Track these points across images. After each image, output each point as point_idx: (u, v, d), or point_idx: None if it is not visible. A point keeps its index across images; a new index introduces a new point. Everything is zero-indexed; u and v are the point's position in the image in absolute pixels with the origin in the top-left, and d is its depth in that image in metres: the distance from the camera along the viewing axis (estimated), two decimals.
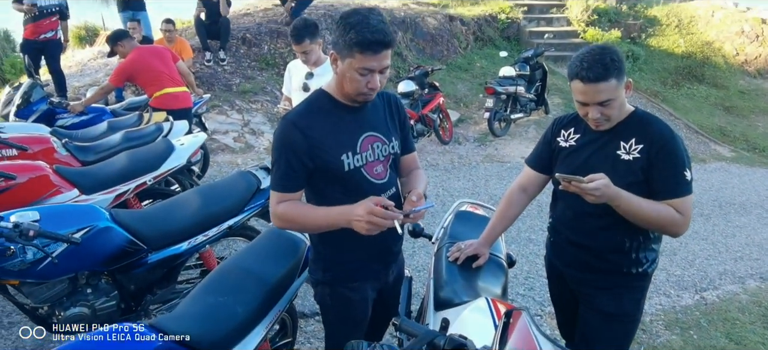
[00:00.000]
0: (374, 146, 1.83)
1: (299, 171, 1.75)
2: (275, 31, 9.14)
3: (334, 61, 1.71)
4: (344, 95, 1.77)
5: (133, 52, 4.76)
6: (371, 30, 1.60)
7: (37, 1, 6.67)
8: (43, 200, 3.06)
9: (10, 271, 2.27)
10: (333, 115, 1.78)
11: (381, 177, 1.85)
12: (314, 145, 1.73)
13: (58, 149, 3.69)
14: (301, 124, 1.74)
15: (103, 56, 9.49)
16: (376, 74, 1.67)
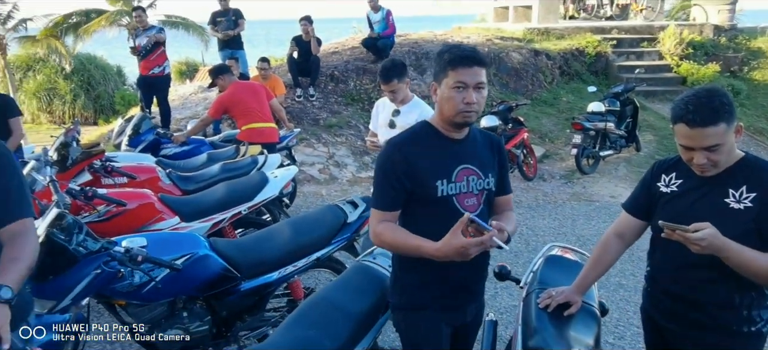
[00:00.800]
0: (469, 178, 1.89)
1: (398, 191, 1.86)
2: (361, 69, 9.42)
3: (434, 91, 1.86)
4: (445, 122, 1.87)
5: (230, 87, 5.09)
6: (461, 49, 1.79)
7: (140, 40, 7.38)
8: (148, 226, 3.30)
9: (120, 292, 2.45)
10: (434, 144, 1.89)
11: (472, 209, 1.89)
12: (412, 168, 1.84)
13: (163, 178, 3.97)
14: (404, 147, 1.88)
15: (202, 91, 10.22)
16: (470, 89, 1.75)
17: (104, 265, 2.30)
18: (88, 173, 3.76)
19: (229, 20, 8.12)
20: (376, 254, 2.45)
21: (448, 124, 1.87)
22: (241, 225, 3.98)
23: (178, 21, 18.91)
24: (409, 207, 1.91)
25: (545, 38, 12.04)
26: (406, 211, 1.92)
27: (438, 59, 1.83)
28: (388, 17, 9.14)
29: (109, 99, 26.16)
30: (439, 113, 1.87)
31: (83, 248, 2.30)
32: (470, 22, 16.23)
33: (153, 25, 7.79)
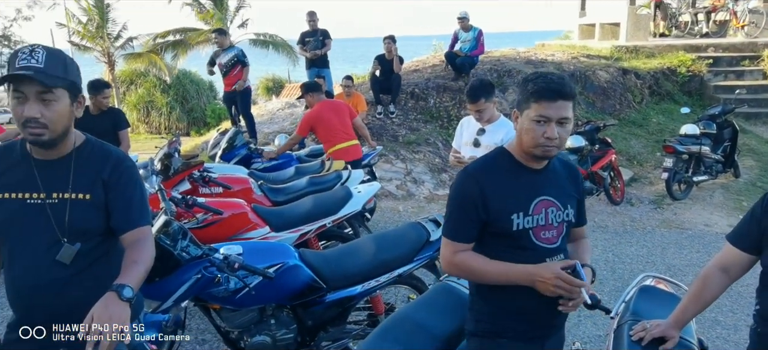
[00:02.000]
0: (548, 211, 1.81)
1: (474, 222, 1.79)
2: (442, 86, 9.46)
3: (515, 118, 1.78)
4: (524, 152, 1.79)
5: (317, 106, 5.28)
6: (547, 80, 1.68)
7: (222, 59, 7.88)
8: (241, 234, 3.48)
9: (216, 297, 2.61)
10: (511, 174, 1.81)
11: (550, 242, 1.82)
12: (488, 200, 1.76)
13: (255, 190, 4.19)
14: (479, 177, 1.80)
15: (289, 107, 10.66)
16: (553, 124, 1.67)
17: (204, 270, 2.47)
18: (188, 182, 4.04)
19: (316, 40, 8.45)
20: None
21: (526, 155, 1.79)
22: (325, 237, 4.11)
23: (267, 40, 19.86)
24: (483, 238, 1.84)
25: (634, 56, 11.54)
26: (480, 242, 1.85)
27: (522, 87, 1.74)
28: (479, 37, 9.08)
29: (201, 112, 27.89)
30: (518, 142, 1.79)
31: (186, 253, 2.47)
32: (553, 39, 15.85)
33: (233, 46, 8.28)
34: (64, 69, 1.58)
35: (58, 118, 1.58)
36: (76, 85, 1.64)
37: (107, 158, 1.72)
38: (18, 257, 1.67)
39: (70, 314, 1.67)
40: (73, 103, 1.63)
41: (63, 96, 1.58)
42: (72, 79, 1.62)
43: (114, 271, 1.66)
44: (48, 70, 1.53)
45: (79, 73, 1.68)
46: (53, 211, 1.63)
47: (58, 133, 1.59)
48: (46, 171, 1.66)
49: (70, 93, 1.62)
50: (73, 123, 1.67)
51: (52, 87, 1.54)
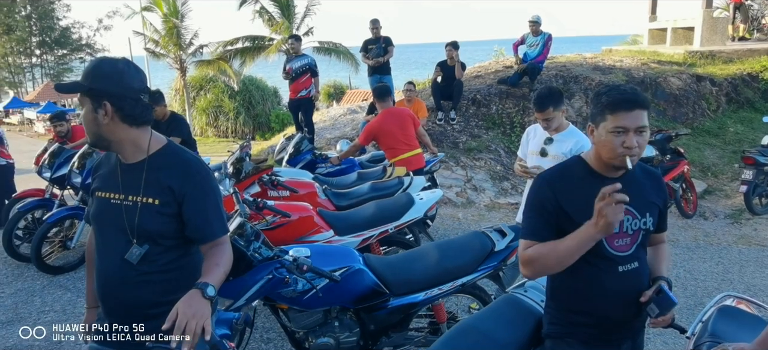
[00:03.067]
0: (623, 219, 1.79)
1: (549, 225, 1.83)
2: (504, 93, 9.33)
3: (591, 132, 1.81)
4: (602, 164, 1.81)
5: (380, 115, 5.31)
6: (621, 91, 1.72)
7: (292, 65, 8.09)
8: (306, 237, 3.58)
9: (284, 297, 2.69)
10: (586, 182, 1.82)
11: (623, 250, 1.83)
12: (560, 206, 1.80)
13: (320, 194, 4.29)
14: (554, 183, 1.84)
15: (351, 113, 10.84)
16: (631, 133, 1.69)
17: (275, 271, 2.56)
18: (258, 185, 4.19)
19: (379, 47, 8.56)
20: (527, 287, 2.41)
21: (606, 166, 1.81)
22: (386, 243, 4.15)
23: (330, 47, 20.27)
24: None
25: (709, 62, 10.95)
26: None
27: (596, 100, 1.78)
28: (547, 43, 8.91)
29: (266, 117, 28.81)
30: (596, 155, 1.82)
31: (259, 255, 2.57)
32: (620, 44, 15.28)
33: (306, 54, 8.50)
34: (88, 77, 1.65)
35: (86, 123, 1.69)
36: (95, 92, 1.65)
37: (179, 166, 1.76)
38: (101, 250, 1.81)
39: (134, 312, 1.78)
40: (96, 110, 1.65)
41: (86, 103, 1.67)
42: (91, 86, 1.64)
43: (183, 281, 1.73)
44: (80, 79, 1.66)
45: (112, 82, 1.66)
46: (127, 213, 1.73)
47: (91, 136, 1.71)
48: (126, 174, 1.76)
49: (92, 100, 1.65)
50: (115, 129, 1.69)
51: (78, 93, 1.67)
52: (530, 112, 9.15)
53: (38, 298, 4.61)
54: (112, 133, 1.70)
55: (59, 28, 48.90)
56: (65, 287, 4.81)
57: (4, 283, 5.00)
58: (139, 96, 1.72)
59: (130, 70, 1.71)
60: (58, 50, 49.79)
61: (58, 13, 49.09)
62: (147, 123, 1.77)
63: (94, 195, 1.83)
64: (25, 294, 4.69)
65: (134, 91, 1.70)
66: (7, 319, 4.21)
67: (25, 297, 4.63)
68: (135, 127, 1.73)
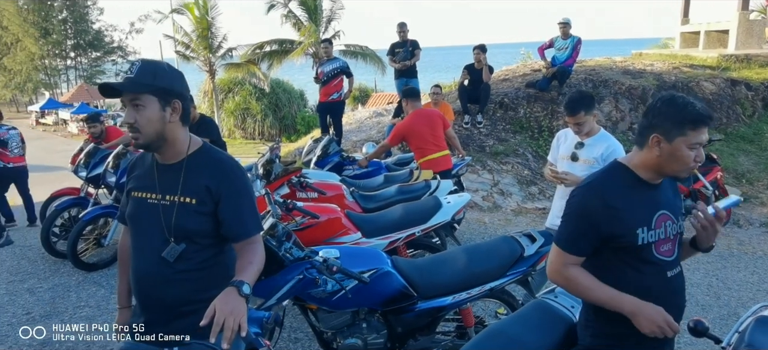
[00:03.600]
0: (666, 224, 1.84)
1: (591, 238, 1.82)
2: (532, 96, 9.25)
3: (656, 143, 1.77)
4: (653, 172, 1.82)
5: (410, 116, 5.30)
6: (697, 108, 1.73)
7: (324, 68, 8.16)
8: (334, 238, 3.61)
9: (314, 297, 2.72)
10: (631, 189, 1.84)
11: (668, 255, 1.85)
12: (613, 215, 1.79)
13: (347, 196, 4.32)
14: (602, 192, 1.82)
15: (377, 115, 10.87)
16: (700, 148, 1.74)
17: (306, 272, 2.59)
18: (287, 187, 4.25)
19: (406, 51, 8.58)
20: (557, 293, 2.39)
21: (655, 174, 1.82)
22: (412, 246, 4.16)
23: (357, 50, 20.39)
24: (601, 253, 1.85)
25: (745, 66, 10.66)
26: (597, 257, 1.87)
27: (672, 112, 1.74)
28: (576, 46, 8.79)
29: (292, 119, 29.11)
30: (653, 164, 1.80)
31: (290, 255, 2.61)
32: (651, 47, 14.99)
33: (337, 57, 8.58)
34: (152, 77, 1.70)
35: (148, 123, 1.70)
36: (165, 91, 1.71)
37: (216, 167, 1.81)
38: (137, 248, 1.86)
39: (169, 309, 1.82)
40: (164, 108, 1.72)
41: (151, 102, 1.70)
42: (160, 85, 1.70)
43: (217, 279, 1.79)
44: (137, 79, 1.69)
45: (177, 81, 1.76)
46: (164, 212, 1.78)
47: (150, 136, 1.73)
48: (163, 174, 1.81)
49: (160, 99, 1.71)
50: (175, 128, 1.76)
51: (139, 93, 1.69)
52: (559, 115, 9.05)
53: (74, 293, 4.74)
54: (172, 131, 1.76)
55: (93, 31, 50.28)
56: (99, 284, 4.94)
57: (42, 278, 5.16)
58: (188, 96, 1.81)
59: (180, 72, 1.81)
60: (91, 53, 51.21)
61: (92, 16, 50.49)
62: (188, 124, 1.84)
63: (130, 195, 1.88)
64: (62, 290, 4.84)
65: (188, 91, 1.81)
66: (46, 313, 4.35)
67: (62, 293, 4.77)
68: (185, 126, 1.81)
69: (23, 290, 4.87)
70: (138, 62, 1.75)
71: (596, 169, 2.96)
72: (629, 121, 9.26)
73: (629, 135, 8.96)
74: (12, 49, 47.41)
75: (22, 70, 47.12)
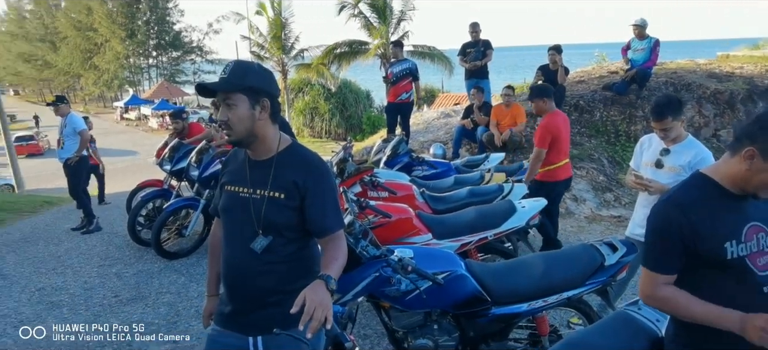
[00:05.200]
0: (759, 236, 1.72)
1: (678, 255, 1.73)
2: (609, 99, 8.88)
3: (750, 157, 1.66)
4: (739, 185, 1.71)
5: (555, 116, 4.76)
6: None
7: (393, 69, 8.20)
8: (404, 238, 3.61)
9: (387, 296, 2.74)
10: (716, 200, 1.73)
11: (765, 269, 1.71)
12: (697, 229, 1.69)
13: (417, 197, 4.32)
14: (684, 206, 1.73)
15: (444, 116, 10.81)
16: None
17: (381, 270, 2.61)
18: (359, 185, 4.30)
19: (478, 51, 8.47)
20: (641, 304, 2.28)
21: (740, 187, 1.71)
22: (484, 250, 4.09)
23: (425, 51, 20.37)
24: (693, 270, 1.76)
25: None
26: (689, 274, 1.77)
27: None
28: (654, 48, 8.40)
29: (358, 119, 29.52)
30: (743, 178, 1.69)
31: (366, 252, 2.64)
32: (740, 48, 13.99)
33: (407, 58, 8.60)
34: (243, 77, 1.77)
35: (239, 121, 1.77)
36: (255, 90, 1.78)
37: (303, 163, 1.88)
38: (228, 240, 1.94)
39: (255, 298, 1.89)
40: (253, 106, 1.78)
41: (241, 100, 1.77)
42: (250, 84, 1.77)
43: (301, 271, 1.88)
44: (229, 79, 1.76)
45: (266, 80, 1.83)
46: (254, 205, 1.85)
47: (241, 133, 1.80)
48: (254, 170, 1.89)
49: (249, 98, 1.77)
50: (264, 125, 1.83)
51: (231, 92, 1.77)
52: (637, 120, 8.65)
53: (156, 280, 5.03)
54: (261, 128, 1.83)
55: (173, 32, 53.19)
56: (179, 271, 5.21)
57: (128, 264, 5.51)
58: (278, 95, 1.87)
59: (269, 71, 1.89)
60: (171, 52, 54.20)
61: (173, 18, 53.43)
62: (278, 122, 1.90)
63: (223, 189, 1.97)
64: (146, 276, 5.14)
65: (278, 90, 1.88)
66: (131, 297, 4.63)
67: (146, 278, 5.07)
68: (275, 124, 1.88)
69: (112, 274, 5.22)
70: (231, 63, 1.83)
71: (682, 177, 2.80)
72: (714, 128, 8.71)
73: (713, 142, 8.43)
74: (101, 49, 51.02)
75: (110, 68, 50.69)
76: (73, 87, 60.24)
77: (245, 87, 1.77)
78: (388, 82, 8.47)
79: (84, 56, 52.98)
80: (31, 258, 5.86)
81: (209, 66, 52.96)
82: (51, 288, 4.91)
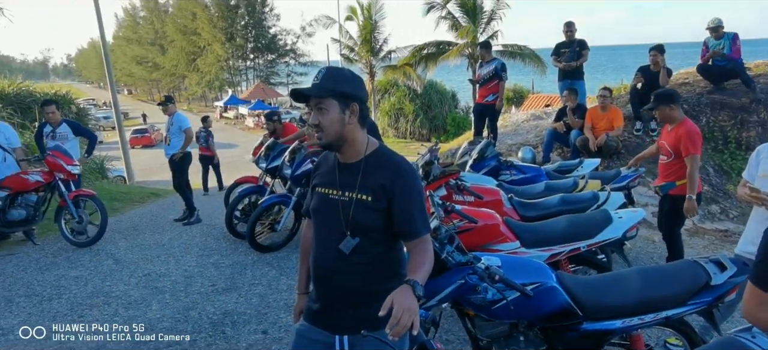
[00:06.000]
0: None
1: None
2: (717, 103, 8.19)
3: None
4: None
5: (689, 122, 4.43)
6: None
7: (481, 70, 8.08)
8: (490, 244, 3.53)
9: (472, 304, 2.70)
10: None
11: None
12: None
13: (505, 202, 4.21)
14: None
15: (534, 118, 10.49)
16: None
17: (467, 276, 2.57)
18: (444, 188, 4.27)
19: (573, 51, 8.14)
20: (755, 332, 2.08)
21: None
22: (575, 261, 3.92)
23: (515, 50, 19.88)
24: None
25: None
26: None
27: None
28: (734, 41, 7.73)
29: (442, 120, 29.40)
30: None
31: (452, 258, 2.62)
32: None
33: (495, 58, 8.44)
34: (334, 82, 1.83)
35: (329, 125, 1.82)
36: (345, 95, 1.83)
37: (391, 167, 1.90)
38: (318, 240, 2.01)
39: (343, 298, 1.94)
40: (343, 111, 1.83)
41: (332, 105, 1.82)
42: (340, 90, 1.82)
43: (386, 273, 1.91)
44: (322, 84, 1.82)
45: (356, 86, 1.87)
46: (343, 207, 1.90)
47: (331, 136, 1.85)
48: (344, 172, 1.94)
49: (340, 102, 1.82)
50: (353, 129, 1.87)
51: (322, 97, 1.82)
52: (750, 126, 7.92)
53: (250, 271, 5.29)
54: (350, 132, 1.88)
55: (269, 35, 55.81)
56: (271, 265, 5.45)
57: (224, 255, 5.85)
58: (367, 100, 1.90)
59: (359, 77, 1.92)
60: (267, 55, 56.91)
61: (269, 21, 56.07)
62: (366, 126, 1.94)
63: (315, 190, 2.04)
64: (240, 267, 5.43)
65: (366, 96, 1.93)
66: (226, 287, 4.91)
67: (240, 269, 5.35)
68: (364, 128, 1.92)
69: (209, 264, 5.57)
70: (323, 69, 1.89)
71: None
72: None
73: None
74: (204, 52, 54.64)
75: (211, 70, 54.12)
76: (178, 87, 65.03)
77: (336, 92, 1.83)
78: (475, 83, 8.39)
79: (188, 58, 57.10)
80: (140, 245, 6.39)
81: (302, 68, 55.09)
82: (156, 274, 5.32)
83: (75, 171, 6.28)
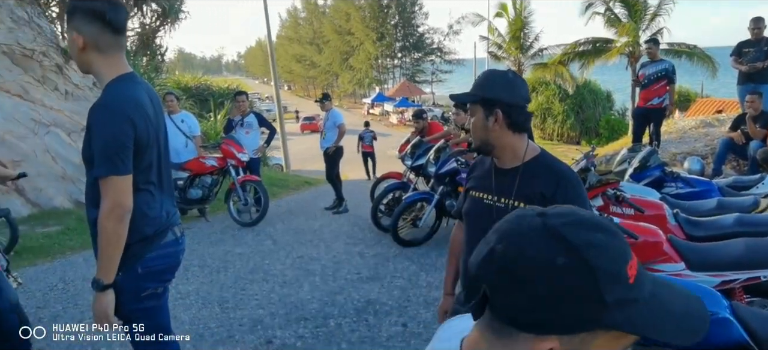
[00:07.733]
0: None
1: None
2: None
3: None
4: None
5: None
6: None
7: (646, 70, 7.38)
8: (651, 264, 3.24)
9: None
10: None
11: None
12: None
13: (669, 218, 3.83)
14: None
15: (704, 125, 9.41)
16: None
17: None
18: (601, 198, 4.01)
19: (759, 51, 7.12)
20: None
21: None
22: (751, 291, 3.44)
23: (683, 50, 17.97)
24: None
25: None
26: None
27: None
28: None
29: (595, 122, 27.58)
30: None
31: None
32: None
33: (663, 59, 7.70)
34: (481, 88, 1.82)
35: (475, 128, 1.84)
36: (488, 101, 1.79)
37: (552, 175, 1.82)
38: (469, 244, 1.98)
39: None
40: (487, 117, 1.80)
41: (477, 110, 1.82)
42: (484, 95, 1.80)
43: None
44: (472, 89, 1.83)
45: (504, 92, 1.79)
46: (497, 214, 1.83)
47: (477, 141, 1.85)
48: (500, 178, 1.90)
49: (484, 108, 1.80)
50: (501, 135, 1.81)
51: (471, 102, 1.84)
52: None
53: (391, 264, 5.47)
54: (498, 138, 1.84)
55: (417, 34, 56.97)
56: (411, 259, 5.58)
57: (368, 245, 6.12)
58: (525, 105, 1.85)
59: (517, 81, 1.85)
60: (414, 53, 58.17)
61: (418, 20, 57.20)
62: (526, 131, 1.88)
63: (468, 193, 2.03)
64: (382, 259, 5.64)
65: (522, 100, 1.84)
66: (370, 276, 5.13)
67: (382, 261, 5.56)
68: (517, 133, 1.85)
69: (355, 253, 5.86)
70: (483, 73, 1.90)
71: None
72: None
73: None
74: (356, 51, 57.52)
75: (362, 68, 56.78)
76: (331, 84, 69.22)
77: (480, 97, 1.82)
78: (638, 84, 7.73)
79: (342, 57, 60.51)
80: (294, 229, 6.94)
81: (447, 66, 55.38)
82: (308, 257, 5.74)
83: (244, 158, 7.01)
